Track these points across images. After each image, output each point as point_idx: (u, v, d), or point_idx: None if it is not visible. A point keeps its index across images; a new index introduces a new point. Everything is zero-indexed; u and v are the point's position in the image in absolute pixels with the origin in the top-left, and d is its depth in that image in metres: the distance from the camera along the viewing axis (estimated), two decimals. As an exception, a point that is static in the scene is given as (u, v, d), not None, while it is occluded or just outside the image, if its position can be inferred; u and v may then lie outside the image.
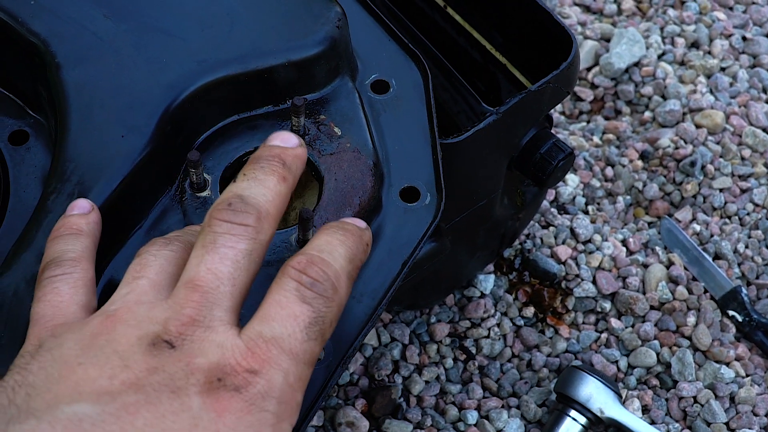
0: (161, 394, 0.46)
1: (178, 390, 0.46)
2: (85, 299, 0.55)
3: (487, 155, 0.86)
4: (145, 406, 0.45)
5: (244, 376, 0.48)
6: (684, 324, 1.07)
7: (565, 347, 1.07)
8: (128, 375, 0.47)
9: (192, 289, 0.51)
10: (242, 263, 0.52)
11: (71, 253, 0.57)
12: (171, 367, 0.47)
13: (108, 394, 0.46)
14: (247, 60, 0.70)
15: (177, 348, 0.48)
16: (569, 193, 1.18)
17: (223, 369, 0.48)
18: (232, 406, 0.47)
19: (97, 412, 0.45)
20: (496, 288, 1.10)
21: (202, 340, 0.49)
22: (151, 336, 0.49)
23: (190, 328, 0.49)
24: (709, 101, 1.25)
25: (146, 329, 0.49)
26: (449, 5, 1.00)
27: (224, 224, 0.53)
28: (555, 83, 0.84)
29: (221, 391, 0.47)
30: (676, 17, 1.36)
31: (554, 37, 0.87)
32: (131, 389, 0.46)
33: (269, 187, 0.56)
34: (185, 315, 0.50)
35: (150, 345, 0.48)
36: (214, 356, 0.48)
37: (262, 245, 0.54)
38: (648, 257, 1.13)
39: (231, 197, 0.54)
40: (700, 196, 1.18)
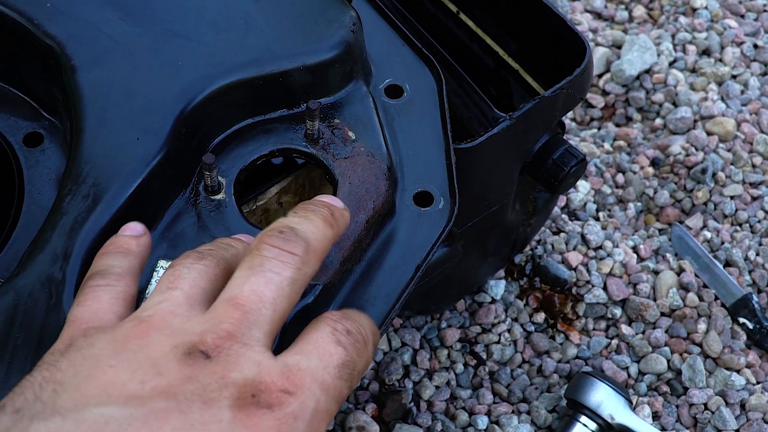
0: (192, 403, 0.46)
1: (210, 401, 0.46)
2: (122, 311, 0.55)
3: (500, 161, 0.86)
4: (175, 413, 0.45)
5: (278, 395, 0.48)
6: (695, 331, 1.07)
7: (576, 353, 1.07)
8: (160, 382, 0.46)
9: (234, 306, 0.51)
10: (286, 290, 0.52)
11: (117, 269, 0.57)
12: (205, 378, 0.47)
13: (138, 398, 0.46)
14: (262, 63, 0.70)
15: (213, 359, 0.48)
16: (580, 199, 1.18)
17: (258, 386, 0.47)
18: (262, 423, 0.46)
19: (124, 416, 0.44)
20: (507, 293, 1.10)
21: (238, 355, 0.49)
22: (187, 345, 0.48)
23: (227, 342, 0.49)
24: (721, 109, 1.25)
25: (182, 339, 0.49)
26: (462, 11, 1.00)
27: (274, 250, 0.53)
28: (568, 89, 0.84)
29: (254, 407, 0.46)
30: (688, 25, 1.36)
31: (568, 43, 0.87)
32: (162, 396, 0.46)
33: (318, 227, 0.56)
34: (223, 329, 0.49)
35: (185, 354, 0.48)
36: (249, 372, 0.48)
37: (305, 278, 0.54)
38: (659, 264, 1.13)
39: (282, 227, 0.55)
40: (711, 204, 1.18)
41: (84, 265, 0.60)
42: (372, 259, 0.68)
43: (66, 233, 0.61)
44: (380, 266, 0.68)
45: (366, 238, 0.67)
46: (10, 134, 0.73)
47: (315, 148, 0.70)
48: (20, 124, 0.74)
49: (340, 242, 0.66)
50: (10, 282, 0.60)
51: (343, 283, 0.66)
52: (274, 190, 0.79)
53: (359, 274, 0.68)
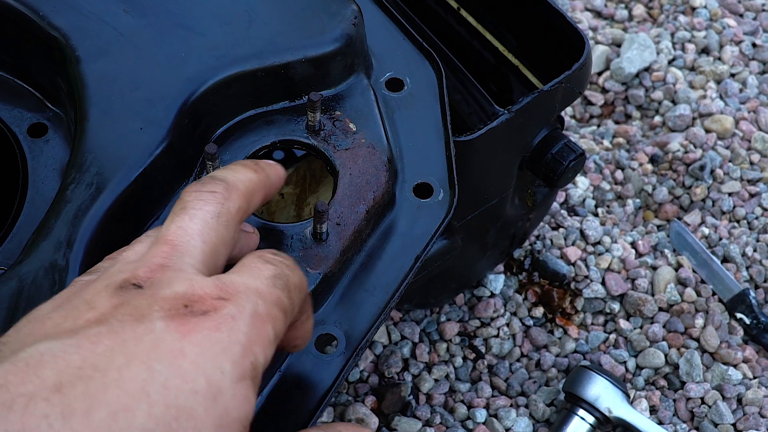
0: (124, 324, 0.46)
1: (142, 317, 0.46)
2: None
3: (499, 154, 0.87)
4: (107, 335, 0.45)
5: (212, 302, 0.48)
6: (692, 326, 1.08)
7: (574, 347, 1.07)
8: (93, 314, 0.47)
9: (162, 243, 0.52)
10: (211, 223, 0.53)
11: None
12: (136, 300, 0.48)
13: (71, 331, 0.46)
14: (264, 56, 0.70)
15: (144, 287, 0.49)
16: (579, 195, 1.19)
17: (190, 298, 0.48)
18: (198, 326, 0.46)
19: (58, 346, 0.45)
20: (506, 288, 1.11)
21: (171, 278, 0.49)
22: (119, 281, 0.49)
23: (159, 271, 0.50)
24: (719, 106, 1.26)
25: (114, 278, 0.50)
26: (462, 7, 1.01)
27: (194, 193, 0.55)
28: (567, 83, 0.84)
29: (187, 316, 0.47)
30: (687, 23, 1.36)
31: (567, 38, 0.88)
32: (95, 324, 0.46)
33: (238, 171, 0.58)
34: (154, 263, 0.50)
35: (117, 288, 0.49)
36: (180, 288, 0.48)
37: (230, 213, 0.55)
38: (657, 260, 1.14)
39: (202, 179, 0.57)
40: (709, 200, 1.18)
41: (87, 252, 0.61)
42: (372, 250, 0.69)
43: (69, 221, 0.62)
44: (380, 256, 0.69)
45: (366, 229, 0.68)
46: (15, 125, 0.74)
47: (316, 139, 0.71)
48: (24, 114, 0.74)
49: (340, 232, 0.66)
50: (14, 269, 0.61)
51: (343, 272, 0.67)
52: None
53: (359, 264, 0.68)
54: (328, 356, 0.64)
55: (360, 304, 0.67)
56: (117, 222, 0.64)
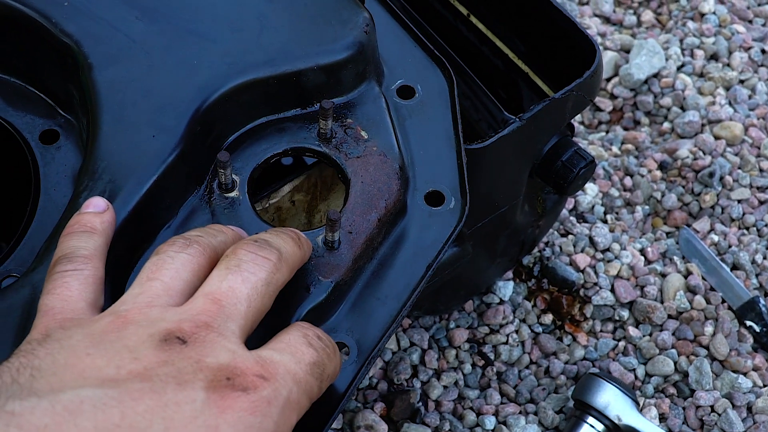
0: (167, 384, 0.46)
1: (185, 383, 0.47)
2: (93, 297, 0.56)
3: (509, 162, 0.87)
4: (149, 393, 0.46)
5: (253, 379, 0.49)
6: (702, 333, 1.08)
7: (583, 355, 1.07)
8: (136, 366, 0.47)
9: (211, 300, 0.52)
10: (260, 290, 0.54)
11: (83, 251, 0.57)
12: (180, 361, 0.48)
13: (113, 381, 0.46)
14: (276, 63, 0.71)
15: (188, 345, 0.49)
16: (588, 202, 1.18)
17: (233, 371, 0.49)
18: (236, 404, 0.47)
19: (99, 396, 0.45)
20: (515, 295, 1.11)
21: (214, 342, 0.50)
22: (164, 333, 0.49)
23: (203, 330, 0.50)
24: (728, 113, 1.26)
25: (158, 327, 0.50)
26: (472, 14, 1.01)
27: (250, 254, 0.55)
28: (578, 91, 0.84)
29: (228, 389, 0.47)
30: (696, 29, 1.36)
31: (577, 45, 0.88)
32: (137, 378, 0.47)
33: (288, 243, 0.59)
34: (200, 320, 0.51)
35: (161, 340, 0.49)
36: (224, 358, 0.49)
37: (277, 284, 0.56)
38: (666, 267, 1.13)
39: (257, 238, 0.58)
40: (718, 207, 1.18)
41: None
42: (383, 258, 0.69)
43: None
44: (392, 265, 0.69)
45: (377, 237, 0.68)
46: (27, 131, 0.74)
47: (328, 147, 0.71)
48: (36, 121, 0.75)
49: (352, 240, 0.66)
50: (26, 276, 0.61)
51: (354, 280, 0.67)
52: (287, 188, 0.80)
53: (371, 272, 0.68)
54: (343, 364, 0.64)
55: (371, 313, 0.67)
56: (129, 229, 0.63)
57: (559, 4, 0.90)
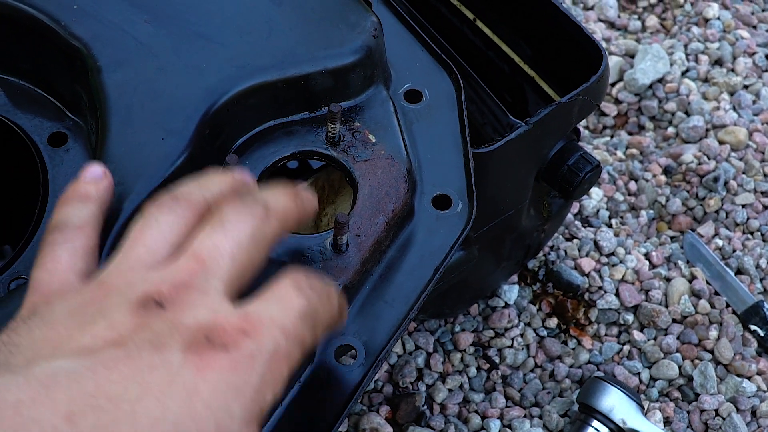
0: (142, 350, 0.45)
1: (161, 345, 0.45)
2: (84, 267, 0.54)
3: (516, 166, 0.87)
4: (124, 360, 0.44)
5: (234, 336, 0.46)
6: (706, 337, 1.08)
7: (588, 358, 1.07)
8: (112, 334, 0.46)
9: (193, 259, 0.50)
10: (244, 243, 0.52)
11: (75, 219, 0.56)
12: (157, 324, 0.46)
13: (88, 350, 0.45)
14: (284, 67, 0.71)
15: (166, 308, 0.47)
16: (593, 206, 1.19)
17: (213, 329, 0.46)
18: (216, 363, 0.45)
19: (73, 367, 0.44)
20: (520, 298, 1.11)
21: (194, 301, 0.48)
22: (141, 297, 0.48)
23: (183, 290, 0.48)
24: (732, 118, 1.26)
25: (136, 291, 0.48)
26: (479, 18, 1.01)
27: (233, 209, 0.53)
28: (585, 96, 0.85)
29: (206, 349, 0.45)
30: (700, 35, 1.37)
31: (584, 50, 0.88)
32: (113, 346, 0.45)
33: (278, 196, 0.57)
34: (180, 279, 0.49)
35: (138, 305, 0.47)
36: (204, 317, 0.47)
37: (266, 238, 0.54)
38: (671, 271, 1.14)
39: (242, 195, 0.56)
40: (722, 212, 1.18)
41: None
42: (391, 261, 0.69)
43: None
44: (399, 268, 0.69)
45: (385, 240, 0.68)
46: (35, 134, 0.74)
47: (336, 150, 0.71)
48: (45, 123, 0.75)
49: (360, 243, 0.66)
50: (35, 278, 0.61)
51: (362, 283, 0.67)
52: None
53: (378, 276, 0.68)
54: (348, 367, 0.64)
55: (379, 316, 0.67)
56: None
57: (565, 9, 0.90)
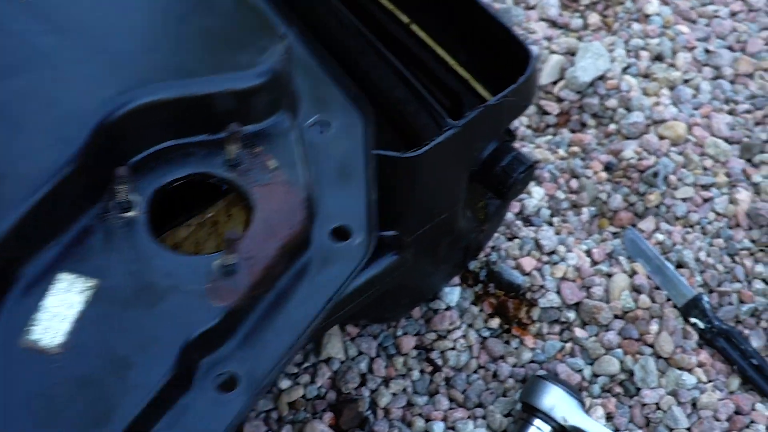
0: None
1: None
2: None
3: (447, 169, 0.88)
4: None
5: None
6: (647, 332, 1.09)
7: (531, 357, 1.08)
8: None
9: None
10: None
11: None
12: None
13: None
14: (187, 85, 0.71)
15: None
16: (534, 205, 1.19)
17: None
18: None
19: None
20: (462, 300, 1.11)
21: None
22: None
23: None
24: (672, 113, 1.27)
25: None
26: (414, 22, 1.01)
27: None
28: (513, 97, 0.85)
29: None
30: (641, 31, 1.38)
31: (513, 52, 0.88)
32: None
33: None
34: None
35: None
36: None
37: None
38: (612, 267, 1.15)
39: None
40: (663, 206, 1.19)
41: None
42: (283, 289, 0.69)
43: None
44: (291, 297, 0.69)
45: (278, 266, 0.68)
46: None
47: (233, 173, 0.71)
48: None
49: (251, 266, 0.66)
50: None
51: (250, 309, 0.67)
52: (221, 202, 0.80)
53: (268, 303, 0.68)
54: (227, 396, 0.64)
55: (265, 344, 0.67)
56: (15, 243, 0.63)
57: (494, 12, 0.91)
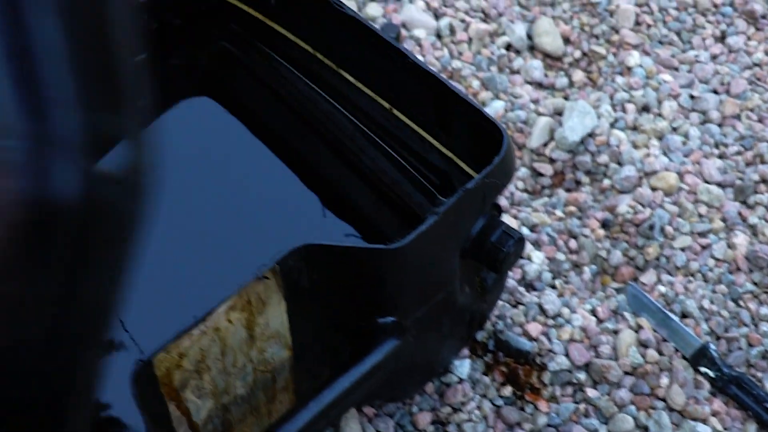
0: None
1: None
2: None
3: (435, 252, 0.90)
4: None
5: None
6: (658, 386, 1.10)
7: (546, 421, 1.09)
8: None
9: None
10: None
11: None
12: None
13: None
14: None
15: None
16: (535, 270, 1.21)
17: None
18: None
19: None
20: (473, 371, 1.13)
21: None
22: None
23: None
24: (663, 163, 1.29)
25: None
26: (394, 107, 1.05)
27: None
28: (490, 178, 0.88)
29: None
30: (625, 84, 1.40)
31: (488, 132, 0.91)
32: None
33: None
34: None
35: None
36: None
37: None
38: (618, 323, 1.16)
39: None
40: (662, 257, 1.21)
41: None
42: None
43: None
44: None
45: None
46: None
47: None
48: None
49: None
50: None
51: None
52: (221, 309, 0.83)
53: None
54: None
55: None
56: None
57: (464, 94, 0.94)
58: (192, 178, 1.13)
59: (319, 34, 1.10)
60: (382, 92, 1.06)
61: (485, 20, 1.48)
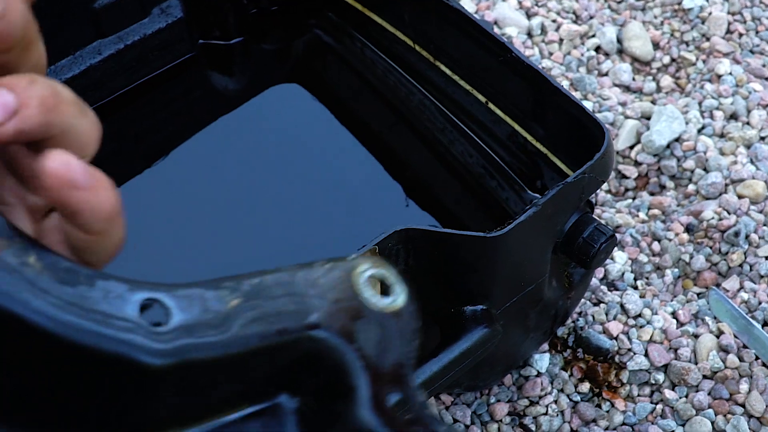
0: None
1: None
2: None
3: (531, 244, 0.91)
4: None
5: None
6: (737, 391, 1.10)
7: (622, 420, 1.10)
8: None
9: None
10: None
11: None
12: None
13: None
14: None
15: None
16: (618, 270, 1.22)
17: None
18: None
19: None
20: (552, 366, 1.14)
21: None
22: None
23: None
24: (750, 171, 1.29)
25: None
26: (490, 101, 1.06)
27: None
28: (590, 173, 0.89)
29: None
30: (714, 91, 1.40)
31: (587, 128, 0.93)
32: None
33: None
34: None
35: None
36: None
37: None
38: (698, 328, 1.17)
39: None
40: (746, 265, 1.21)
41: None
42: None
43: None
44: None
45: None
46: None
47: None
48: None
49: None
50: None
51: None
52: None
53: None
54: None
55: None
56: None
57: (566, 91, 0.95)
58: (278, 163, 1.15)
59: (419, 25, 1.11)
60: (479, 85, 1.08)
61: (576, 21, 1.49)
